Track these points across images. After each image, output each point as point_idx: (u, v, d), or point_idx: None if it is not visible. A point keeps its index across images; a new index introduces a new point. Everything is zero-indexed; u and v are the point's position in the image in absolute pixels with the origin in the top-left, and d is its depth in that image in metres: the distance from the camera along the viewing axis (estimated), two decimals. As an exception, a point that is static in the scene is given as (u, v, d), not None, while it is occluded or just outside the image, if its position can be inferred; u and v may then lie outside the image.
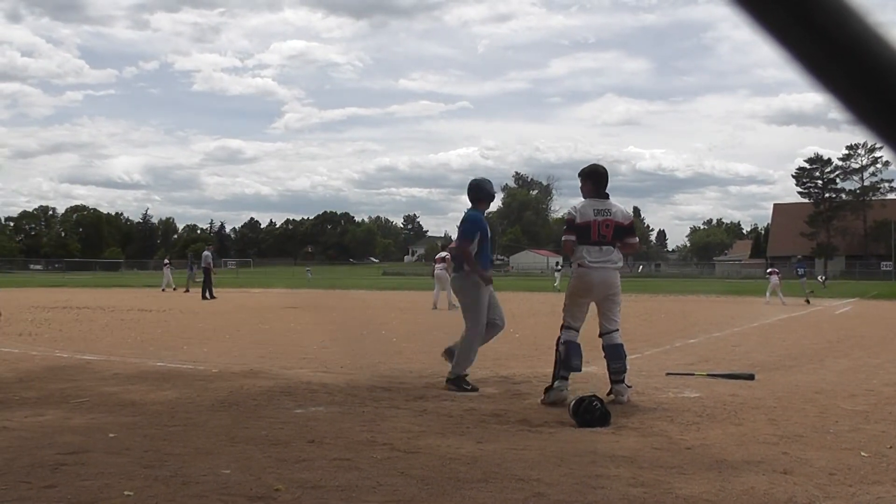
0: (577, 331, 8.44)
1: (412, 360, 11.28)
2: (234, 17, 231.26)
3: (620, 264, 8.61)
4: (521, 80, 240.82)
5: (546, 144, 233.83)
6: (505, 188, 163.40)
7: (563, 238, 8.46)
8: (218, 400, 8.07)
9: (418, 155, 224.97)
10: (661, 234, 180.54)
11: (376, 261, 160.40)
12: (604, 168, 8.73)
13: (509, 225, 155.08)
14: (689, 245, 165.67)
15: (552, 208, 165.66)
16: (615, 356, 8.33)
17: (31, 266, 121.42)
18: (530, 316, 23.08)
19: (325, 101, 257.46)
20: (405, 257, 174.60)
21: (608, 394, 8.17)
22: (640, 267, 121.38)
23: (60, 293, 39.41)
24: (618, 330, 8.49)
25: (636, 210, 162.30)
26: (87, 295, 37.35)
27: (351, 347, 13.44)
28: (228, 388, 8.83)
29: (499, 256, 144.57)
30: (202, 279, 35.93)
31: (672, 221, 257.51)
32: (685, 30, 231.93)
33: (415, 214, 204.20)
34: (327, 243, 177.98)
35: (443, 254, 26.93)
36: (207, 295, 33.87)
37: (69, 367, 10.82)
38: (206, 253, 36.70)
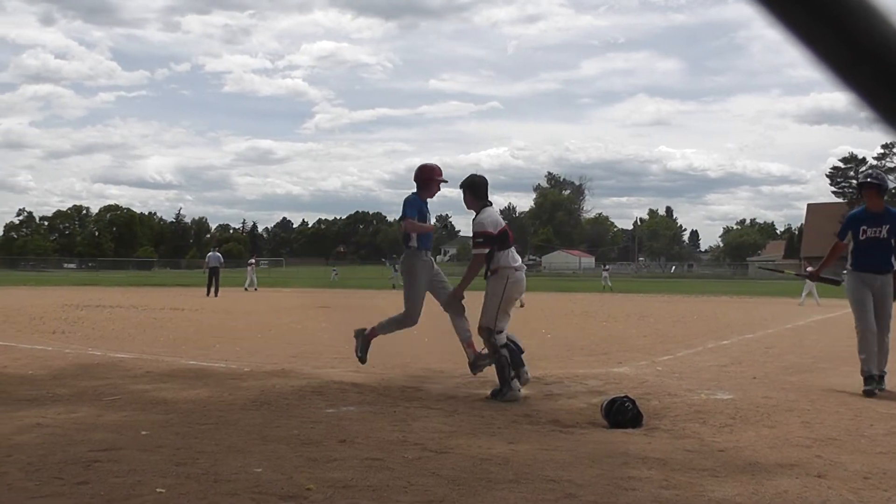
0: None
1: (443, 360, 11.26)
2: (265, 19, 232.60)
3: None
4: (551, 80, 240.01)
5: (576, 145, 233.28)
6: (537, 188, 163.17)
7: (478, 251, 8.55)
8: (249, 399, 8.10)
9: (449, 155, 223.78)
10: (694, 235, 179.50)
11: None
12: (481, 176, 9.02)
13: (541, 225, 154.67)
14: (721, 245, 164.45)
15: (584, 208, 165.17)
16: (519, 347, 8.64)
17: (65, 265, 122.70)
18: (562, 316, 23.04)
19: (356, 101, 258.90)
20: (437, 257, 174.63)
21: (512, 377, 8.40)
22: (673, 267, 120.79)
23: (93, 292, 39.71)
24: None
25: (668, 210, 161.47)
26: (119, 294, 37.62)
27: (382, 347, 13.43)
28: (260, 387, 8.86)
29: (531, 257, 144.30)
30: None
31: (704, 222, 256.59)
32: (716, 29, 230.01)
33: (446, 214, 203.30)
34: (359, 243, 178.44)
35: None
36: (212, 294, 35.35)
37: (102, 364, 10.90)
38: (211, 254, 38.44)
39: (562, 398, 8.39)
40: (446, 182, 9.44)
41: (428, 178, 9.30)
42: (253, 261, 50.91)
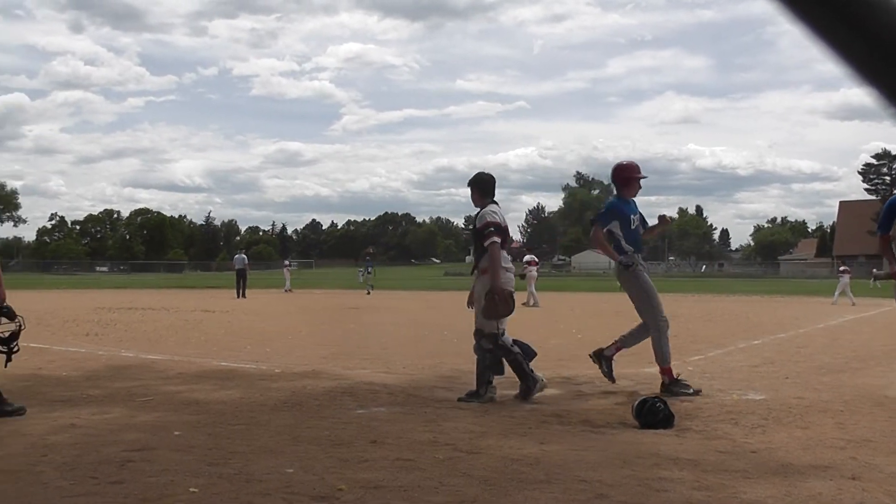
0: None
1: (473, 361, 11.26)
2: (291, 22, 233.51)
3: None
4: (578, 79, 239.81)
5: (604, 143, 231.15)
6: (566, 188, 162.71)
7: (492, 241, 8.19)
8: (280, 400, 8.13)
9: (476, 155, 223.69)
10: (724, 234, 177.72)
11: (437, 261, 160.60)
12: (489, 174, 8.79)
13: (571, 225, 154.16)
14: (752, 244, 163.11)
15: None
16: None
17: (97, 268, 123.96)
18: (592, 316, 22.97)
19: (383, 102, 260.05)
20: (467, 258, 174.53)
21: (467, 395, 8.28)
22: (703, 267, 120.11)
23: (125, 294, 40.04)
24: None
25: (698, 208, 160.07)
26: (151, 296, 37.88)
27: (412, 348, 13.46)
28: (291, 388, 8.89)
29: (560, 257, 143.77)
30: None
31: (734, 220, 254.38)
32: (744, 25, 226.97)
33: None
34: (388, 244, 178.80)
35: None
36: (240, 295, 36.14)
37: (134, 366, 10.99)
38: (237, 256, 39.70)
39: (592, 398, 8.36)
40: (646, 178, 9.27)
41: (627, 176, 9.16)
42: (288, 262, 51.37)
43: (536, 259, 31.36)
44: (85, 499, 4.65)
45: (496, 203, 8.55)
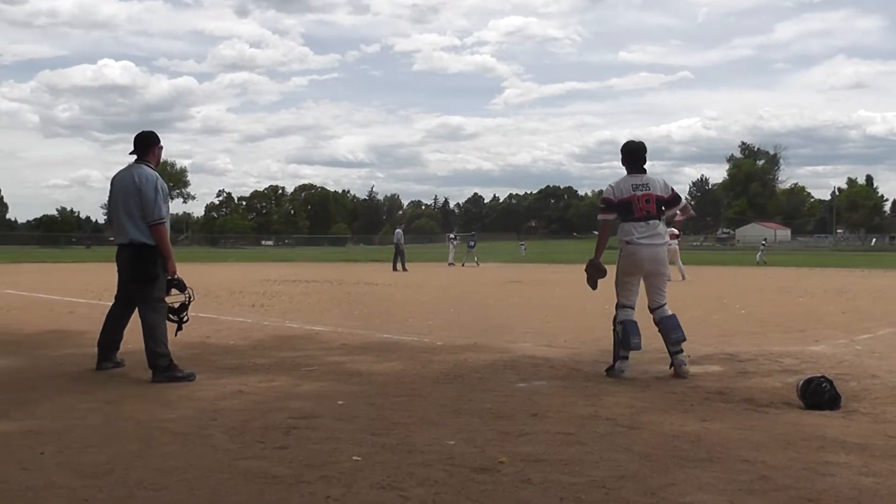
0: (633, 308, 8.35)
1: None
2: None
3: (667, 239, 8.61)
4: (744, 46, 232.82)
5: (770, 112, 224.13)
6: (730, 159, 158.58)
7: (600, 217, 8.51)
8: (442, 372, 8.23)
9: (639, 127, 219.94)
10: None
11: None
12: (637, 143, 8.58)
13: (735, 197, 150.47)
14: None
15: (779, 179, 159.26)
16: (673, 327, 8.24)
17: (263, 242, 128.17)
18: (756, 291, 22.43)
19: (544, 75, 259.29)
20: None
21: (670, 366, 8.23)
22: (874, 240, 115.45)
23: (290, 267, 41.13)
24: (666, 303, 8.40)
25: (868, 178, 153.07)
26: (315, 269, 38.81)
27: (574, 322, 13.44)
28: (452, 361, 8.99)
29: (724, 230, 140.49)
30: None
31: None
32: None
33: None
34: (550, 217, 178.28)
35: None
36: (399, 268, 36.89)
37: (299, 336, 11.32)
38: (398, 231, 40.63)
39: (756, 376, 8.18)
40: None
41: None
42: (453, 235, 51.77)
43: (677, 231, 30.54)
44: (252, 462, 4.82)
45: (638, 173, 8.41)
